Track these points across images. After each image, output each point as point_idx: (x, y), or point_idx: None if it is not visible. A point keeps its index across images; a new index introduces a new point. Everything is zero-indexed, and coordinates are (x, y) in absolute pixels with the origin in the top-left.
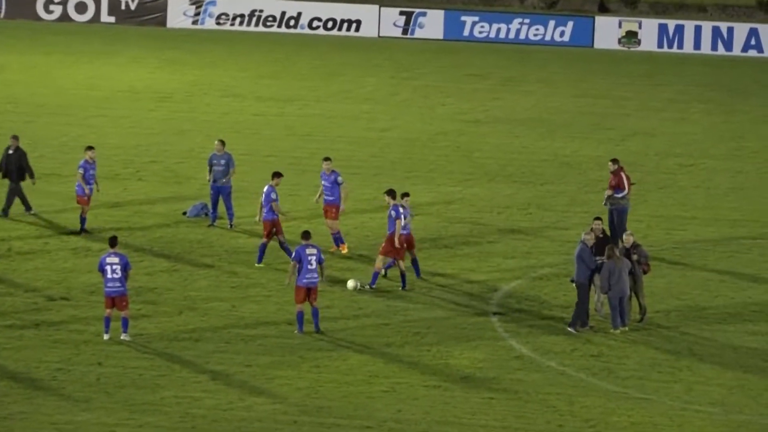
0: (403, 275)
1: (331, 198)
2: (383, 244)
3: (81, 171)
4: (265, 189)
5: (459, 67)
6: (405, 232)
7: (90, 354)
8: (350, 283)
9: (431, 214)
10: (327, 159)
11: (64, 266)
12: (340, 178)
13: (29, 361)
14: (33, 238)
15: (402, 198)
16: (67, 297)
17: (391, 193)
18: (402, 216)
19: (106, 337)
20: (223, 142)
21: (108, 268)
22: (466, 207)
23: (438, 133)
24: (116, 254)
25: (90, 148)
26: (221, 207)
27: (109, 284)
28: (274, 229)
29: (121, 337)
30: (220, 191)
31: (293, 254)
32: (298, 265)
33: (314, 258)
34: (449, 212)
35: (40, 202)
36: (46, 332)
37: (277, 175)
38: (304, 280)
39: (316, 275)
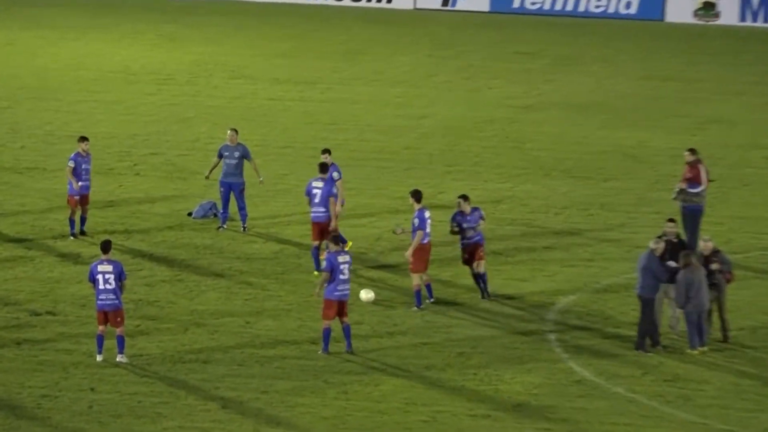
0: (427, 286)
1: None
2: (411, 260)
3: (71, 164)
4: (324, 186)
5: (507, 43)
6: (477, 237)
7: (81, 378)
8: (363, 294)
9: None
10: (326, 151)
11: (50, 275)
12: (336, 174)
13: (10, 386)
14: (13, 242)
15: (465, 202)
16: (54, 311)
17: (416, 194)
18: (426, 226)
19: (99, 358)
20: (236, 131)
21: (100, 277)
22: (517, 207)
23: (483, 120)
24: (109, 261)
25: (83, 139)
26: (233, 206)
27: (102, 296)
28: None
29: (117, 359)
30: (232, 188)
31: (325, 263)
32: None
33: (347, 267)
34: (497, 213)
35: (21, 201)
36: (29, 352)
37: (325, 168)
38: (337, 293)
39: (348, 287)
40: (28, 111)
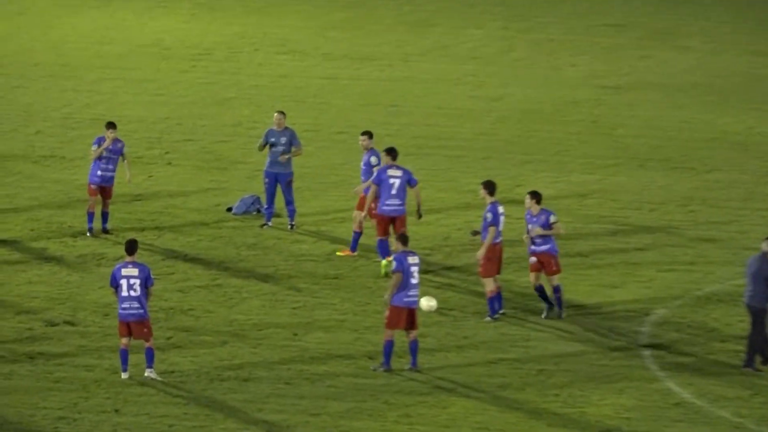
0: (499, 294)
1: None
2: (481, 263)
3: (94, 147)
4: (403, 175)
5: (594, 15)
6: (547, 246)
7: (103, 398)
8: (425, 303)
9: (559, 211)
10: (365, 134)
11: (69, 280)
12: (374, 159)
13: (22, 408)
14: (26, 241)
15: (532, 200)
16: (73, 321)
17: (489, 186)
18: (500, 222)
19: (124, 376)
20: (283, 114)
21: (124, 282)
22: (606, 202)
23: (567, 102)
24: (135, 264)
25: (111, 125)
26: (279, 201)
27: (124, 305)
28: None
29: (146, 374)
30: (278, 179)
31: (395, 263)
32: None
33: (417, 270)
34: (583, 209)
35: (35, 194)
36: (44, 368)
37: (391, 152)
38: (406, 299)
39: (417, 293)
40: (43, 91)
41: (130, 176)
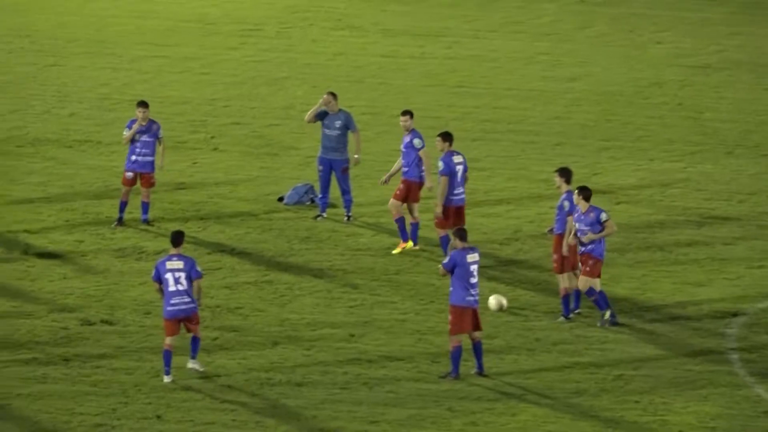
0: (576, 293)
1: (406, 169)
2: (554, 257)
3: (126, 133)
4: (462, 160)
5: None
6: (591, 247)
7: (144, 403)
8: (493, 301)
9: (640, 202)
10: (406, 113)
11: (106, 275)
12: (417, 141)
13: (56, 414)
14: (60, 233)
15: (579, 196)
16: (110, 320)
17: (565, 173)
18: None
19: (167, 379)
20: (334, 95)
21: (170, 276)
22: (691, 192)
23: (650, 84)
24: (180, 257)
25: (142, 104)
26: (334, 190)
27: (174, 300)
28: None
29: (189, 365)
30: (333, 167)
31: (447, 260)
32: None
33: (477, 267)
34: (667, 200)
35: (70, 182)
36: (80, 371)
37: (451, 137)
38: (468, 298)
39: (478, 291)
40: (79, 69)
41: (163, 161)
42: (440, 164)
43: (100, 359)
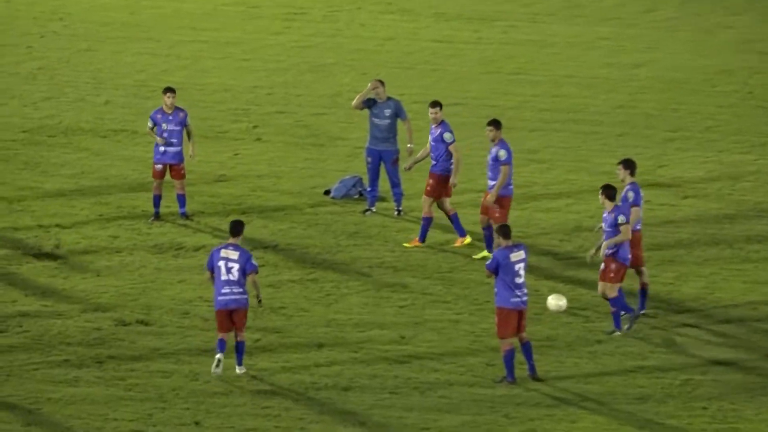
0: (643, 290)
1: (434, 163)
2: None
3: (150, 124)
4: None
5: None
6: (613, 250)
7: (182, 408)
8: (553, 301)
9: (708, 196)
10: (436, 105)
11: (142, 273)
12: (447, 135)
13: (89, 419)
14: (94, 228)
15: (602, 195)
16: (147, 320)
17: (629, 164)
18: (641, 203)
19: (216, 370)
20: (382, 83)
21: (221, 264)
22: (763, 186)
23: (720, 71)
24: (236, 248)
25: (169, 90)
26: (383, 182)
27: (224, 290)
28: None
29: (237, 371)
30: (382, 158)
31: (490, 260)
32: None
33: (524, 266)
34: (737, 194)
35: (104, 174)
36: (114, 374)
37: (499, 125)
38: (513, 299)
39: (526, 291)
40: (114, 55)
41: (194, 151)
42: (502, 153)
43: (135, 362)
